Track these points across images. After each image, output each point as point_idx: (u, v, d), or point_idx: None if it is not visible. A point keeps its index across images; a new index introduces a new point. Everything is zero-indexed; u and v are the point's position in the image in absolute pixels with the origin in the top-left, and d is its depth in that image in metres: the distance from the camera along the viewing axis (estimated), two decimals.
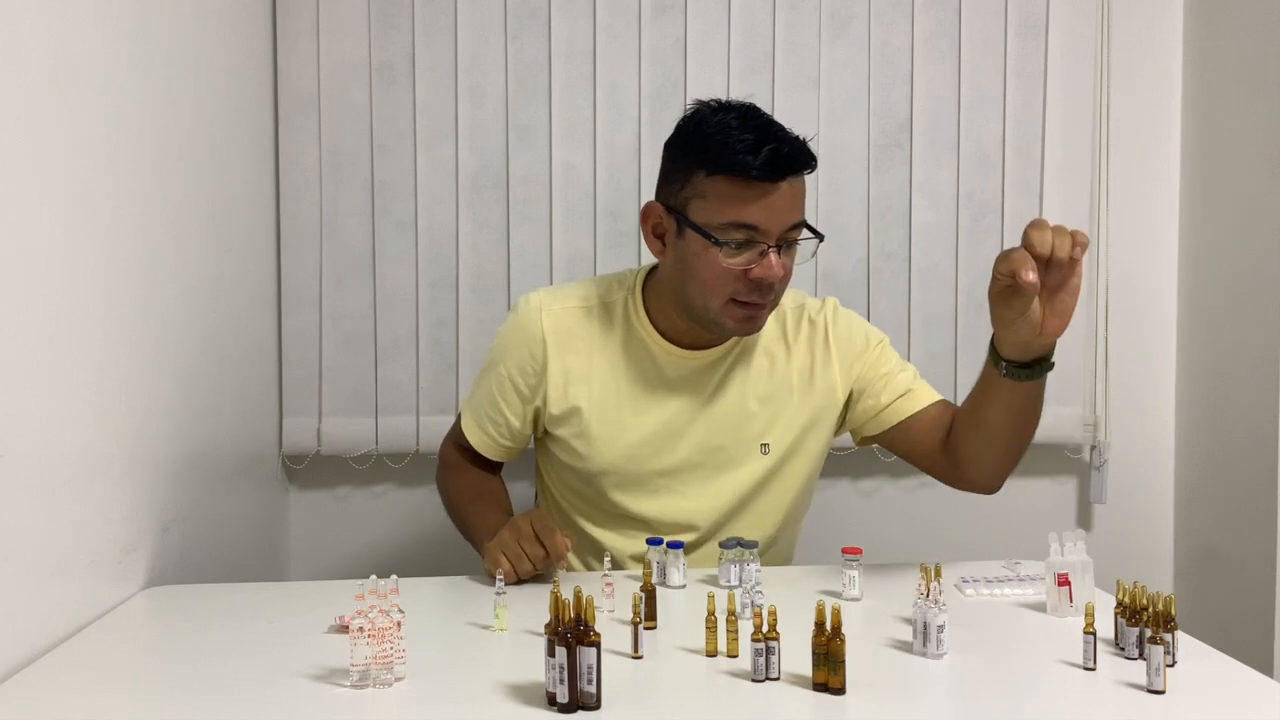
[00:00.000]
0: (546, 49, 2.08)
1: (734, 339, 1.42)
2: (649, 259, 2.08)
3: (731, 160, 1.24)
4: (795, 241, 1.31)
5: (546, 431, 1.47)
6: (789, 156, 1.25)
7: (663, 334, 1.41)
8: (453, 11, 2.06)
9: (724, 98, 1.34)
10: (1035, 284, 1.11)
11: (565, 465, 1.47)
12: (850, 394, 1.46)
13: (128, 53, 1.34)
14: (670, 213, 1.33)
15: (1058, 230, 1.13)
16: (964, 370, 2.16)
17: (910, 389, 1.44)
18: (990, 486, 1.39)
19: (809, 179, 1.33)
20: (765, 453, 1.44)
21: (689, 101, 2.07)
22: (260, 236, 1.97)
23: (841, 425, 1.49)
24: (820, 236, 1.33)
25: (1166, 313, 2.26)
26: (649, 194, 2.07)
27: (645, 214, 1.37)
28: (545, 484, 1.57)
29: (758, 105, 1.32)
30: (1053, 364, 1.24)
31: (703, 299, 1.32)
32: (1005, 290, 1.16)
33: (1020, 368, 1.23)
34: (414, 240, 2.08)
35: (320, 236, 2.07)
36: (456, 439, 1.55)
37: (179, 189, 1.51)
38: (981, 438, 1.33)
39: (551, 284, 2.10)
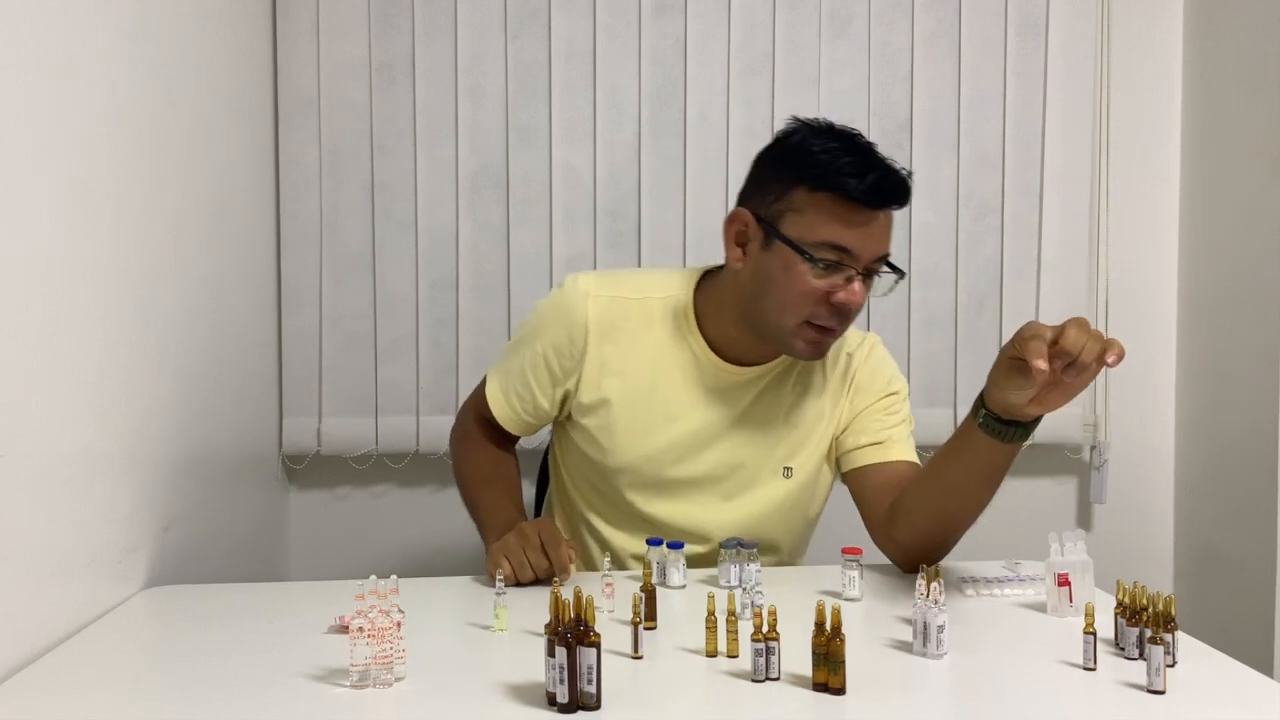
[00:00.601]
0: (546, 49, 2.08)
1: (778, 361, 1.39)
2: (649, 259, 2.11)
3: (838, 180, 1.23)
4: (877, 273, 1.29)
5: (570, 417, 1.44)
6: (893, 187, 1.24)
7: (709, 343, 1.38)
8: (453, 11, 2.06)
9: (822, 119, 1.31)
10: (1044, 371, 1.08)
11: (583, 456, 1.44)
12: (845, 428, 1.44)
13: (128, 53, 1.34)
14: (760, 223, 1.30)
15: (1095, 335, 1.09)
16: (964, 370, 2.16)
17: (887, 440, 1.40)
18: (905, 553, 1.32)
19: None
20: (788, 476, 1.42)
21: (688, 101, 2.09)
22: (260, 236, 1.97)
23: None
24: (901, 274, 1.31)
25: (1166, 313, 2.26)
26: (649, 194, 2.10)
27: (731, 219, 1.33)
28: (559, 471, 1.53)
29: (861, 132, 1.30)
30: (1029, 433, 1.20)
31: (778, 315, 1.29)
32: (1015, 361, 1.13)
33: (999, 422, 1.19)
34: (414, 240, 2.08)
35: (320, 236, 2.07)
36: (479, 408, 1.50)
37: (179, 189, 1.51)
38: (928, 489, 1.30)
39: (551, 285, 2.10)
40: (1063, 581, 1.17)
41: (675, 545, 1.29)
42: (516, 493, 1.48)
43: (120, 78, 1.31)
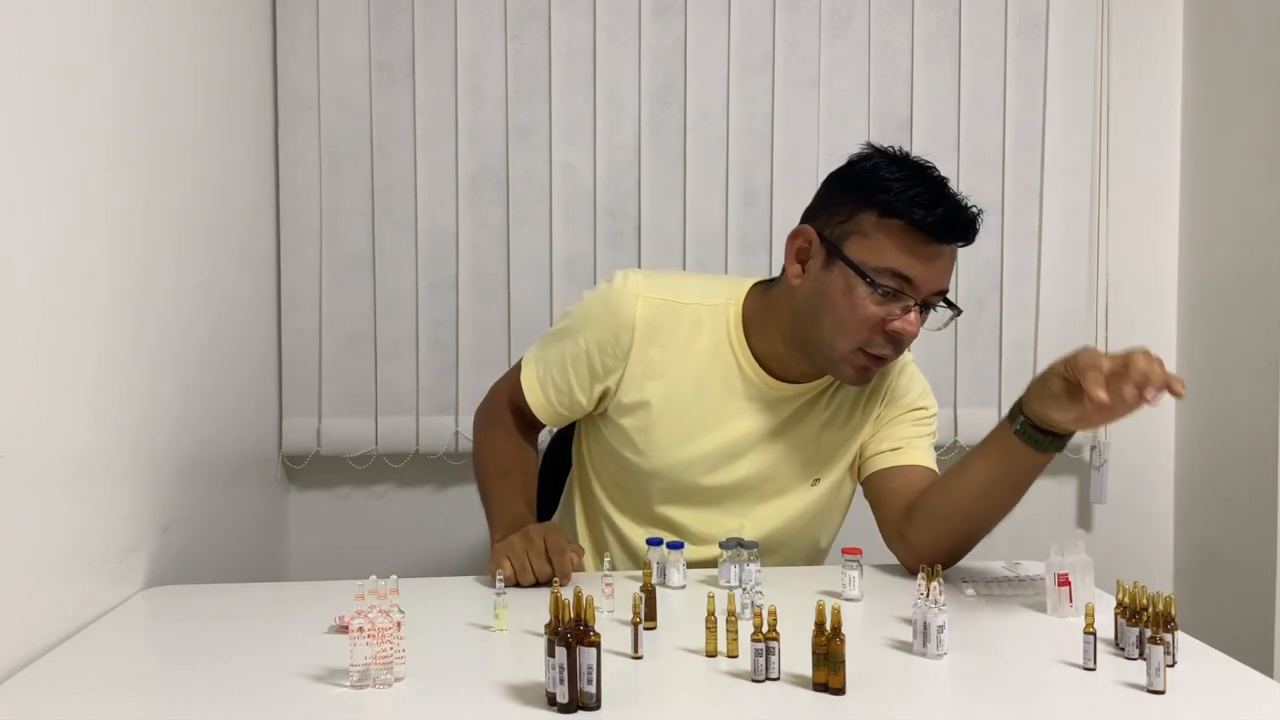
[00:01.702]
0: (546, 49, 2.08)
1: (822, 379, 1.39)
2: (649, 259, 2.10)
3: (908, 209, 1.22)
4: (934, 306, 1.30)
5: (606, 414, 1.42)
6: (963, 224, 1.24)
7: (755, 356, 1.37)
8: (453, 11, 2.06)
9: (898, 148, 1.31)
10: (1103, 402, 1.07)
11: (614, 453, 1.43)
12: (870, 437, 1.44)
13: (127, 52, 1.34)
14: (824, 242, 1.29)
15: (1158, 366, 1.09)
16: (964, 370, 2.16)
17: (906, 446, 1.40)
18: (917, 555, 1.30)
19: (809, 178, 1.31)
20: (815, 485, 1.43)
21: (688, 101, 2.09)
22: (260, 236, 1.97)
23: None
24: (958, 311, 1.33)
25: (1166, 313, 2.26)
26: (649, 194, 2.10)
27: (794, 235, 1.32)
28: (583, 463, 1.51)
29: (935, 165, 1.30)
30: (1064, 444, 1.22)
31: (832, 337, 1.28)
32: (1069, 384, 1.13)
33: (1037, 430, 1.20)
34: (414, 240, 2.08)
35: (320, 236, 2.07)
36: (512, 392, 1.47)
37: (179, 189, 1.51)
38: (952, 492, 1.30)
39: (551, 285, 2.10)
40: (1063, 581, 1.17)
41: (675, 545, 1.29)
42: (531, 489, 1.47)
43: (120, 77, 1.31)
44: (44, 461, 1.11)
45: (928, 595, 1.03)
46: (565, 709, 0.90)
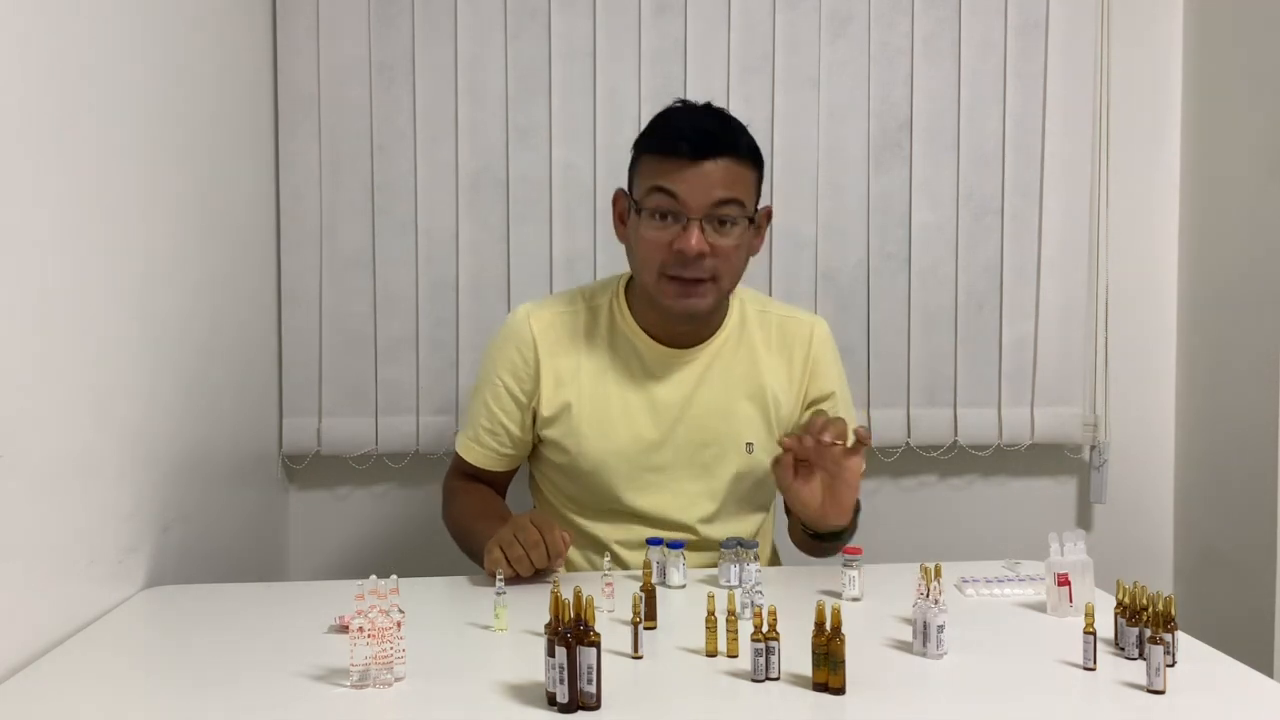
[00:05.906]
0: (546, 49, 2.08)
1: (716, 336, 1.48)
2: None
3: (660, 138, 1.37)
4: (726, 220, 1.36)
5: (539, 436, 1.50)
6: (711, 135, 1.34)
7: (647, 332, 1.47)
8: (453, 11, 2.06)
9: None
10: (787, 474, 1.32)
11: (558, 466, 1.50)
12: (796, 421, 1.52)
13: (127, 52, 1.34)
14: (626, 197, 1.43)
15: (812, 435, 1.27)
16: (964, 370, 2.16)
17: None
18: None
19: (809, 178, 1.36)
20: (750, 452, 1.49)
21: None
22: (260, 236, 1.97)
23: None
24: (751, 219, 1.40)
25: (1166, 313, 2.26)
26: None
27: (614, 200, 1.47)
28: (540, 490, 1.59)
29: (723, 109, 1.43)
30: (849, 535, 1.41)
31: (641, 274, 1.41)
32: (784, 485, 1.33)
33: (814, 537, 1.41)
34: (414, 241, 2.08)
35: (320, 236, 2.07)
36: (457, 467, 1.57)
37: (179, 189, 1.51)
38: (794, 535, 1.52)
39: (551, 285, 2.10)
40: (1063, 581, 1.17)
41: (675, 545, 1.29)
42: (507, 518, 1.50)
43: (120, 78, 1.31)
44: (44, 461, 1.11)
45: (928, 595, 1.03)
46: (565, 709, 0.90)
